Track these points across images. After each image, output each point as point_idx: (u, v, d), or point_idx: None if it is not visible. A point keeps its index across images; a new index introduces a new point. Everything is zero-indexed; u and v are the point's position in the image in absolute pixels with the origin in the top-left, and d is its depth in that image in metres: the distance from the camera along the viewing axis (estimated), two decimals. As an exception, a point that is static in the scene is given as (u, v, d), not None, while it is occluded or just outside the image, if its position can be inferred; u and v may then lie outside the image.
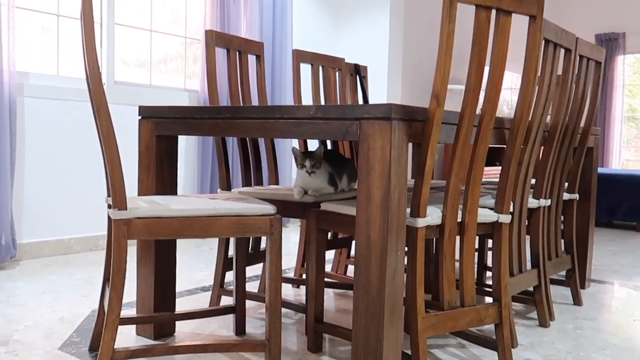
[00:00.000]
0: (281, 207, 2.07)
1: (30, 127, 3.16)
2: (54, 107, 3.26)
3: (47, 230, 3.26)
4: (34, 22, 3.29)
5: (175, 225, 1.52)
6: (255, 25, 4.11)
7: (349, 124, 1.45)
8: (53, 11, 3.35)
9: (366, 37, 4.90)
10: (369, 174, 1.42)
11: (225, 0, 3.92)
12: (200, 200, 1.72)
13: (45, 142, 3.23)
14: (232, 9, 3.99)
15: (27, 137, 3.15)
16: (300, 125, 1.54)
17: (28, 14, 3.25)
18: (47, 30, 3.35)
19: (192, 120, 1.80)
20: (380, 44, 4.86)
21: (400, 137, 1.41)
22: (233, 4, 3.97)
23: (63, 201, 3.31)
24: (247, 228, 1.57)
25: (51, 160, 3.26)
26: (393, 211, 1.41)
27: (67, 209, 3.33)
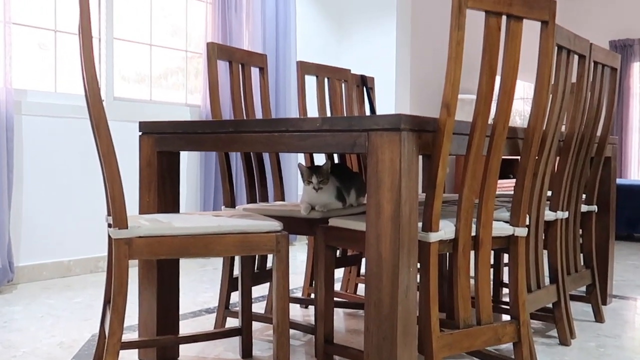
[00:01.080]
0: (288, 224, 2.07)
1: (28, 146, 3.18)
2: (52, 125, 3.28)
3: (45, 252, 3.27)
4: (31, 39, 3.32)
5: (178, 244, 1.52)
6: (258, 37, 4.14)
7: (357, 135, 1.45)
8: (50, 27, 3.39)
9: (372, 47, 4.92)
10: (379, 187, 1.42)
11: (226, 13, 3.95)
12: (203, 217, 1.72)
13: (43, 161, 3.25)
14: (234, 21, 4.02)
15: (25, 156, 3.17)
16: (306, 138, 1.55)
17: (25, 30, 3.29)
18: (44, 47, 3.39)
19: (194, 135, 1.81)
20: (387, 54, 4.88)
21: (410, 148, 1.41)
22: (235, 16, 4.01)
23: (62, 222, 3.32)
24: (253, 246, 1.57)
25: (49, 180, 3.28)
26: (404, 226, 1.41)
27: (66, 230, 3.34)
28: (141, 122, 1.93)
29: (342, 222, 1.79)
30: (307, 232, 2.09)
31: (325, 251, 1.82)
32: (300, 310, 2.67)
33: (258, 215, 1.85)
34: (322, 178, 2.04)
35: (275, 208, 2.18)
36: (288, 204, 2.36)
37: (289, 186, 4.40)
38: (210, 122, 1.79)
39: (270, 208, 2.18)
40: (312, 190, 2.04)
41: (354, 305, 2.37)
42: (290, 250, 4.23)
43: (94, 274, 3.40)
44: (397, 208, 1.40)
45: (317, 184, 2.03)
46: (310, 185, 2.04)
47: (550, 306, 2.48)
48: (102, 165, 1.54)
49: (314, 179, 2.03)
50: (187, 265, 3.68)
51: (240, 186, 4.05)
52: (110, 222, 1.54)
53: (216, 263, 3.77)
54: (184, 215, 1.77)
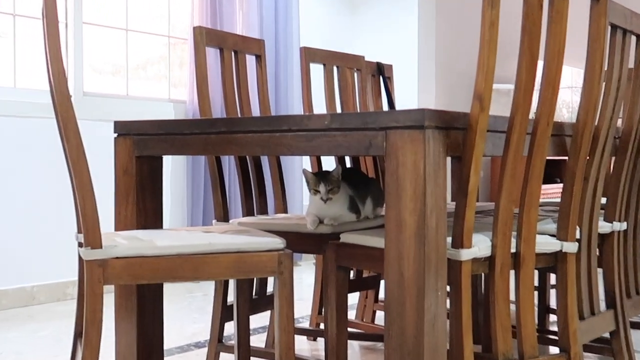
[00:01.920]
0: (291, 241, 2.07)
1: (-17, 152, 3.21)
2: (10, 126, 3.31)
3: (4, 277, 3.29)
4: (-14, 25, 3.36)
5: (162, 265, 1.52)
6: (254, 20, 4.16)
7: (373, 135, 1.45)
8: (8, 10, 3.41)
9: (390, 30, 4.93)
10: (399, 196, 1.42)
11: (216, -9, 3.98)
12: (191, 234, 1.72)
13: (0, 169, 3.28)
14: (225, 1, 4.04)
15: (-20, 164, 3.20)
16: (312, 138, 1.55)
17: (-21, 15, 3.32)
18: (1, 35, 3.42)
19: (180, 136, 1.82)
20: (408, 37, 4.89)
21: (436, 149, 1.41)
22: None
23: (24, 241, 3.34)
24: (250, 267, 1.57)
25: (8, 192, 3.30)
26: (430, 241, 1.41)
27: (29, 251, 3.35)
28: (116, 121, 1.94)
29: (356, 237, 1.79)
30: (314, 250, 2.09)
31: (337, 272, 1.82)
32: (308, 344, 2.66)
33: (256, 230, 1.85)
34: (332, 186, 2.04)
35: (276, 222, 2.18)
36: (292, 216, 2.36)
37: (292, 196, 4.40)
38: (198, 120, 1.79)
39: (270, 222, 2.18)
40: (319, 201, 2.04)
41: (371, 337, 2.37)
42: (295, 271, 4.23)
43: (61, 302, 3.41)
44: (421, 220, 1.39)
45: (326, 194, 2.03)
46: (318, 195, 2.04)
47: (607, 336, 2.47)
48: (71, 174, 1.54)
49: (321, 188, 2.03)
50: (172, 291, 3.69)
51: (235, 197, 4.06)
52: (81, 241, 1.55)
53: (207, 288, 3.78)
54: (169, 232, 1.77)
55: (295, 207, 4.43)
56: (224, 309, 2.23)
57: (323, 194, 2.03)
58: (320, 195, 2.03)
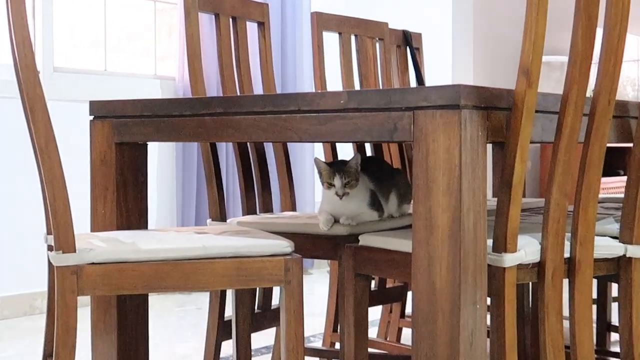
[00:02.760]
0: (301, 244, 2.06)
1: None
2: (-32, 109, 3.32)
3: (-39, 287, 3.30)
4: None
5: (147, 273, 1.53)
6: (256, -20, 4.16)
7: (398, 116, 1.45)
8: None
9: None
10: (430, 190, 1.41)
11: (210, -54, 3.98)
12: (182, 236, 1.72)
13: (-44, 159, 3.29)
14: (221, -43, 4.05)
15: None
16: (326, 121, 1.55)
17: None
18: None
19: (168, 119, 1.82)
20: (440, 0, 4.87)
21: (474, 133, 1.40)
22: (222, -50, 4.04)
23: (-17, 244, 3.35)
24: (252, 275, 1.58)
25: (-34, 186, 3.32)
26: (467, 244, 1.40)
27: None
28: (93, 101, 1.94)
29: (378, 239, 1.78)
30: (328, 254, 2.09)
31: (355, 282, 1.82)
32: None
33: (258, 231, 1.85)
34: (349, 179, 2.03)
35: (282, 222, 2.18)
36: (301, 215, 2.36)
37: (301, 191, 4.40)
38: (189, 100, 1.79)
39: (275, 222, 2.18)
40: (334, 197, 2.04)
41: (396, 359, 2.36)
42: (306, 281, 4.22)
43: (29, 317, 3.43)
44: (456, 219, 1.39)
45: (342, 188, 2.03)
46: (332, 189, 2.04)
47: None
48: (39, 164, 1.55)
49: (337, 181, 2.03)
50: (160, 304, 3.70)
51: (234, 192, 4.07)
52: (51, 244, 1.55)
53: (200, 300, 3.79)
54: (155, 233, 1.78)
55: (305, 203, 4.43)
56: (220, 326, 2.23)
57: (338, 188, 2.03)
58: (335, 189, 2.03)
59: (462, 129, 1.38)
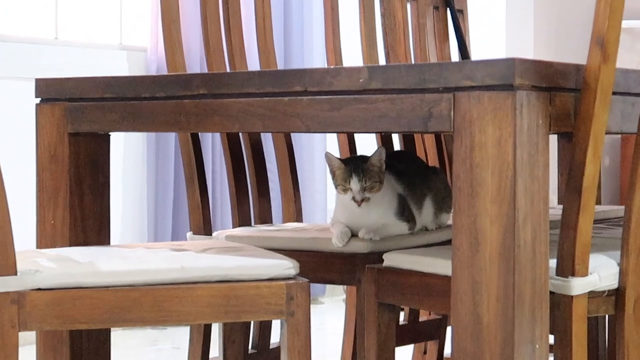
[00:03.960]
0: (308, 264, 2.06)
1: None
2: None
3: None
4: None
5: (109, 302, 1.52)
6: None
7: (434, 100, 1.45)
8: None
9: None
10: (476, 195, 1.41)
11: None
12: (154, 254, 1.72)
13: None
14: None
15: None
16: (341, 106, 1.55)
17: None
18: None
19: (137, 103, 1.82)
20: (489, -50, 4.86)
21: (532, 122, 1.40)
22: None
23: None
24: (244, 305, 1.57)
25: None
26: (523, 265, 1.40)
27: None
28: (40, 79, 1.94)
29: (407, 259, 1.78)
30: (344, 278, 2.09)
31: (379, 314, 1.81)
32: None
33: (253, 248, 1.84)
34: (371, 180, 2.03)
35: (284, 235, 2.17)
36: (308, 227, 2.36)
37: (309, 195, 4.39)
38: (165, 78, 1.79)
39: (275, 235, 2.18)
40: (351, 203, 2.03)
41: (432, 414, 2.36)
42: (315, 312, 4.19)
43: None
44: (509, 233, 1.39)
45: (361, 192, 2.02)
46: (349, 193, 2.03)
47: None
48: (-29, 160, 1.55)
49: (354, 183, 2.02)
50: (126, 342, 3.70)
51: (222, 196, 4.06)
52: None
53: (178, 338, 3.78)
54: (119, 250, 1.77)
55: (314, 213, 4.42)
56: (204, 370, 2.23)
57: (356, 192, 2.02)
58: (352, 194, 2.02)
59: (517, 116, 1.38)
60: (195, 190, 2.29)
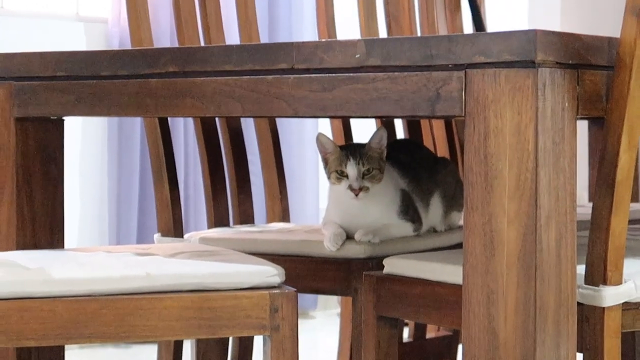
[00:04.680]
0: (296, 271, 2.06)
1: None
2: None
3: None
4: None
5: (62, 315, 1.52)
6: None
7: (443, 79, 1.45)
8: None
9: None
10: (491, 190, 1.41)
11: None
12: (115, 258, 1.72)
13: None
14: None
15: None
16: (334, 85, 1.54)
17: None
18: None
19: (96, 82, 1.82)
20: None
21: (557, 105, 1.40)
22: None
23: None
24: (220, 319, 1.57)
25: None
26: (546, 272, 1.40)
27: None
28: (-20, 55, 1.94)
29: (412, 265, 1.78)
30: (338, 288, 2.09)
31: (378, 330, 1.81)
32: None
33: (232, 252, 1.84)
34: (370, 166, 2.03)
35: (268, 238, 2.17)
36: (296, 228, 2.36)
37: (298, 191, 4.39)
38: (128, 53, 1.79)
39: (258, 238, 2.18)
40: (347, 194, 2.03)
41: None
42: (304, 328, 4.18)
43: None
44: (530, 234, 1.39)
45: (359, 179, 2.02)
46: (344, 182, 2.03)
47: None
48: None
49: (351, 167, 2.02)
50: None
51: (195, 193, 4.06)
52: None
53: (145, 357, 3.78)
54: (75, 255, 1.77)
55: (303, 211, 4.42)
56: (174, 395, 2.23)
57: (354, 178, 2.01)
58: (349, 181, 2.02)
59: (540, 97, 1.38)
60: (164, 185, 2.29)
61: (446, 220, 2.22)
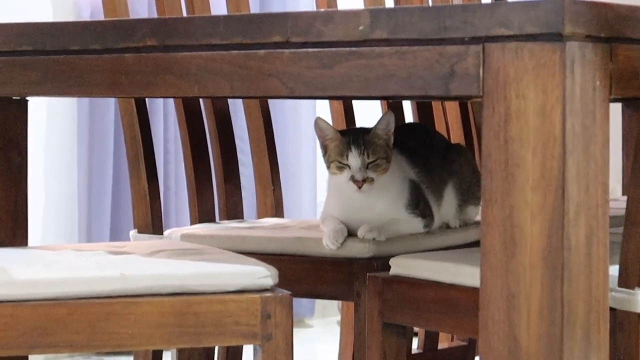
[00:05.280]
0: (291, 273, 2.06)
1: None
2: None
3: None
4: None
5: (25, 321, 1.52)
6: None
7: (458, 54, 1.45)
8: None
9: None
10: (512, 180, 1.41)
11: None
12: (86, 258, 1.72)
13: None
14: None
15: None
16: (334, 62, 1.55)
17: None
18: None
19: (64, 58, 1.81)
20: None
21: (588, 84, 1.40)
22: None
23: None
24: (205, 325, 1.57)
25: None
26: (575, 273, 1.40)
27: None
28: None
29: (422, 266, 1.79)
30: (338, 292, 2.11)
31: (384, 339, 1.82)
32: None
33: (218, 251, 1.84)
34: (376, 155, 2.03)
35: (259, 234, 2.18)
36: (291, 224, 2.37)
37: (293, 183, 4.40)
38: (101, 25, 1.79)
39: (247, 235, 2.18)
40: (349, 187, 2.04)
41: None
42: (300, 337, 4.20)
43: None
44: (556, 230, 1.39)
45: (363, 170, 2.02)
46: (346, 172, 2.03)
47: None
48: None
49: (353, 157, 2.03)
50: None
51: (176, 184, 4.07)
52: None
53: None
54: (41, 254, 1.78)
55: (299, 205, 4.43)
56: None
57: (356, 169, 2.02)
58: (351, 172, 2.02)
59: (568, 75, 1.37)
60: (141, 175, 2.29)
61: (461, 214, 2.22)
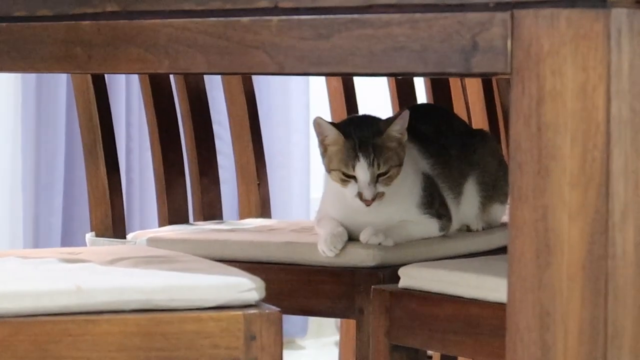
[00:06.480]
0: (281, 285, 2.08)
1: None
2: None
3: None
4: None
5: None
6: None
7: (481, 22, 1.46)
8: None
9: None
10: (547, 174, 1.42)
11: None
12: (34, 267, 1.74)
13: None
14: None
15: None
16: (332, 32, 1.56)
17: None
18: None
19: (8, 26, 1.83)
20: None
21: (637, 57, 1.41)
22: None
23: None
24: (176, 348, 1.59)
25: None
26: (622, 286, 1.41)
27: None
28: None
29: (437, 277, 1.81)
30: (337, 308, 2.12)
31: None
32: None
33: (192, 258, 1.86)
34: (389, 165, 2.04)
35: (242, 238, 2.19)
36: (280, 225, 2.38)
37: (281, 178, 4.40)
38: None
39: (228, 239, 2.20)
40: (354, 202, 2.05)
41: None
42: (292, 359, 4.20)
43: None
44: (600, 235, 1.40)
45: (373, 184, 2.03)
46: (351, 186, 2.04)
47: None
48: None
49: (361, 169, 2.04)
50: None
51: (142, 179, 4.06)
52: None
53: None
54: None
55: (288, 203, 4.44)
56: None
57: (365, 184, 2.02)
58: (359, 188, 2.03)
59: (614, 48, 1.39)
60: (100, 167, 2.29)
61: (484, 215, 2.23)
